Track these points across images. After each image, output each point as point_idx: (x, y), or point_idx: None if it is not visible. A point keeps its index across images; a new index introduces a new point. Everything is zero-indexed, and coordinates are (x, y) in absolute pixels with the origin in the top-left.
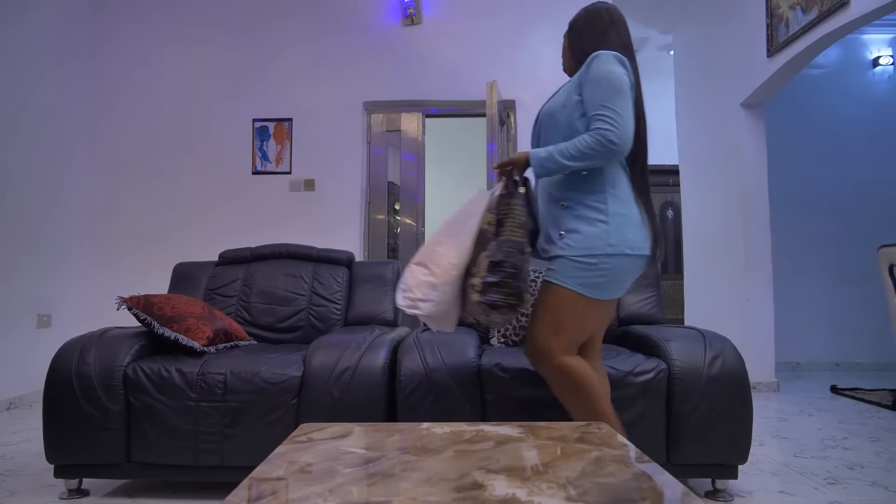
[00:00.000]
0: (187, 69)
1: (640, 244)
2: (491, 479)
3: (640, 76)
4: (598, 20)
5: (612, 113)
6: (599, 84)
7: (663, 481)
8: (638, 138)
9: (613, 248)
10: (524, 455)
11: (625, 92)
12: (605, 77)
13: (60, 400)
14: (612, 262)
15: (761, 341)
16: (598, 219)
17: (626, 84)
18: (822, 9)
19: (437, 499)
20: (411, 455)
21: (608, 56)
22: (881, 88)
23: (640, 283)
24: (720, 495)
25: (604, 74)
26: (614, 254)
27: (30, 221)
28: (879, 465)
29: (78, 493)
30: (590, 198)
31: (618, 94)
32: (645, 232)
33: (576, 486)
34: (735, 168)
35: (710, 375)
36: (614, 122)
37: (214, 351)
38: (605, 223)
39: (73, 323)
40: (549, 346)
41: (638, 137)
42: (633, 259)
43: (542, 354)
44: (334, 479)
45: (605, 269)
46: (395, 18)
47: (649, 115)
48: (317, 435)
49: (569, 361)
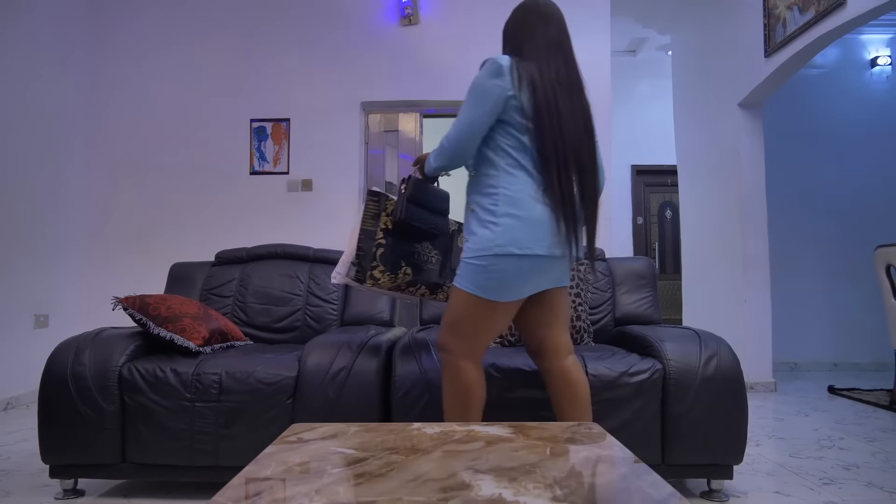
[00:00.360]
0: (185, 69)
1: (531, 244)
2: (478, 479)
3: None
4: (525, 19)
5: (457, 118)
6: (469, 90)
7: (651, 481)
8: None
9: (500, 248)
10: (513, 455)
11: (476, 99)
12: (472, 84)
13: (55, 400)
14: (500, 262)
15: (759, 341)
16: (489, 220)
17: (482, 92)
18: (819, 9)
19: (423, 499)
20: (400, 455)
21: (489, 64)
22: (879, 89)
23: (636, 283)
24: (715, 495)
25: (474, 81)
26: (501, 254)
27: (27, 222)
28: (875, 466)
29: (73, 494)
30: (485, 200)
31: (467, 101)
32: (542, 232)
33: (562, 486)
34: (733, 168)
35: (705, 375)
36: (454, 126)
37: (210, 351)
38: (496, 224)
39: (70, 323)
40: (451, 347)
41: (556, 136)
42: (522, 259)
43: (444, 352)
44: (321, 480)
45: (494, 271)
46: (393, 19)
47: (647, 115)
48: (307, 435)
49: (466, 368)
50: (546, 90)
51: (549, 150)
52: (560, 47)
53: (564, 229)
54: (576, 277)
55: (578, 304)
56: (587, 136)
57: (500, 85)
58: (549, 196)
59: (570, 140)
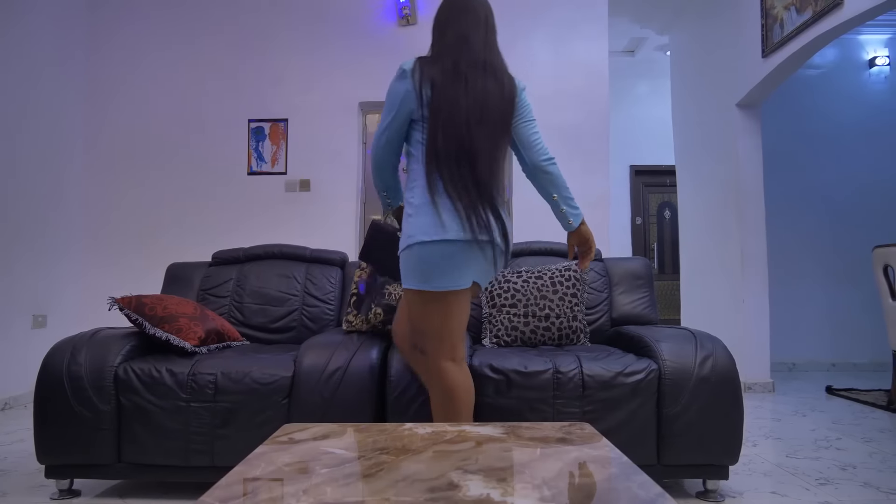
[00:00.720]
0: (183, 70)
1: (433, 230)
2: (467, 479)
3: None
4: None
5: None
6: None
7: (639, 482)
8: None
9: (411, 238)
10: (503, 455)
11: (387, 106)
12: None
13: (51, 400)
14: (421, 251)
15: (757, 342)
16: (409, 213)
17: (390, 98)
18: (816, 9)
19: (410, 499)
20: (390, 455)
21: (397, 69)
22: (878, 89)
23: (633, 283)
24: (711, 496)
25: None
26: (412, 243)
27: (26, 222)
28: (872, 466)
29: (69, 494)
30: (408, 194)
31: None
32: (439, 219)
33: (551, 486)
34: (731, 168)
35: (700, 376)
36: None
37: (206, 351)
38: (410, 215)
39: (68, 323)
40: (427, 349)
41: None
42: (432, 245)
43: (424, 355)
44: (310, 480)
45: (420, 260)
46: (391, 19)
47: (646, 115)
48: (298, 435)
49: (447, 369)
50: (443, 84)
51: (439, 141)
52: (467, 39)
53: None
54: (572, 278)
55: (575, 304)
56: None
57: (404, 87)
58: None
59: (457, 131)
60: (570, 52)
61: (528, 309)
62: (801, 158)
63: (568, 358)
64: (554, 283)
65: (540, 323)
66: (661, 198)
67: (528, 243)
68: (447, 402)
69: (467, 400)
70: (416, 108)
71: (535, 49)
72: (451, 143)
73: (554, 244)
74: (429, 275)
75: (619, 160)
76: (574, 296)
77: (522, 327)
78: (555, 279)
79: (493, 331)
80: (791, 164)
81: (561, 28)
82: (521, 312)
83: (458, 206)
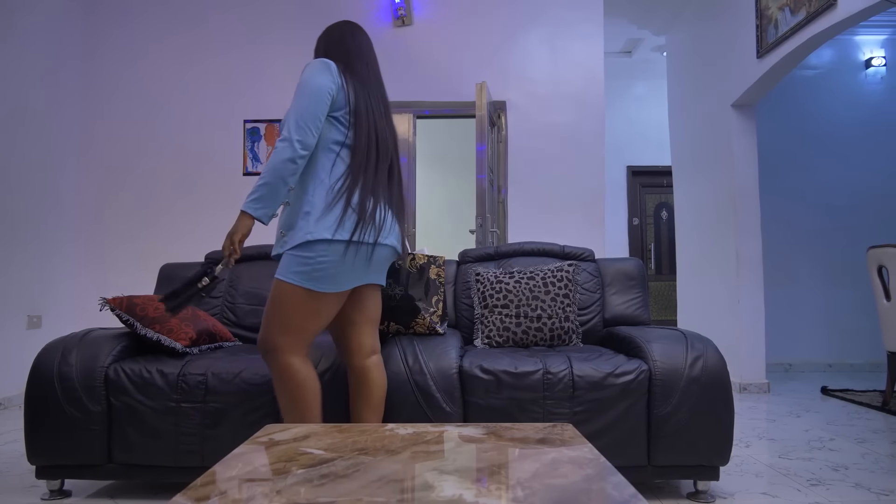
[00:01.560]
0: (178, 71)
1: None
2: (442, 479)
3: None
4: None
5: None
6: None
7: (614, 483)
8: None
9: (313, 235)
10: (481, 456)
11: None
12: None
13: (42, 401)
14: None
15: (752, 342)
16: (307, 210)
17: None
18: (810, 10)
19: (383, 499)
20: (368, 456)
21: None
22: (874, 90)
23: (626, 284)
24: (702, 496)
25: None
26: (315, 241)
27: (21, 222)
28: (864, 467)
29: (60, 494)
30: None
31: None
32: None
33: (524, 487)
34: (726, 169)
35: (691, 376)
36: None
37: (197, 352)
38: (311, 213)
39: (63, 324)
40: (278, 344)
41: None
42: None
43: (272, 351)
44: (285, 480)
45: (316, 260)
46: (386, 20)
47: (643, 116)
48: (279, 436)
49: (295, 363)
50: (360, 88)
51: (363, 144)
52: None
53: (381, 217)
54: (564, 279)
55: (567, 304)
56: (391, 128)
57: (335, 83)
58: (363, 185)
59: (379, 136)
60: (566, 53)
61: (520, 309)
62: (798, 159)
63: (559, 359)
64: (546, 283)
65: (532, 324)
66: (657, 198)
67: (520, 244)
68: (298, 398)
69: (316, 396)
70: (343, 107)
71: (531, 49)
72: (373, 147)
73: (546, 245)
74: (323, 277)
75: (616, 161)
76: (566, 296)
77: (514, 328)
78: (547, 280)
79: (484, 331)
80: (788, 165)
81: (557, 28)
82: (512, 313)
83: (374, 209)
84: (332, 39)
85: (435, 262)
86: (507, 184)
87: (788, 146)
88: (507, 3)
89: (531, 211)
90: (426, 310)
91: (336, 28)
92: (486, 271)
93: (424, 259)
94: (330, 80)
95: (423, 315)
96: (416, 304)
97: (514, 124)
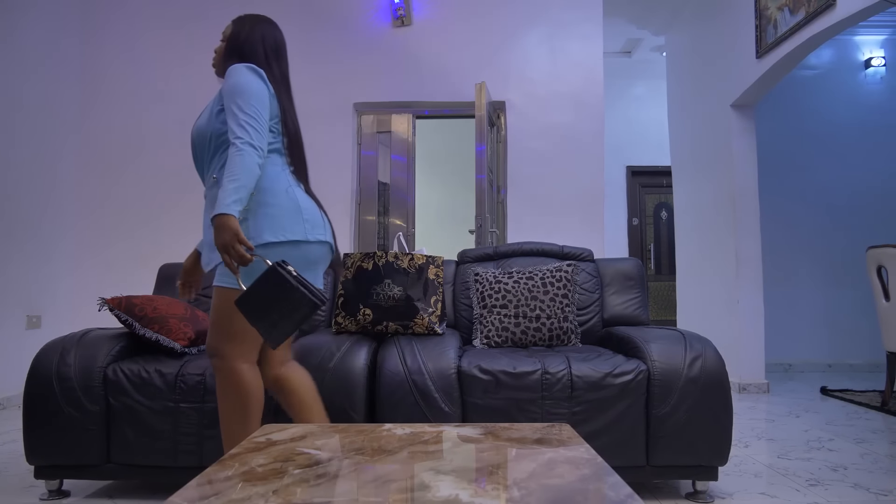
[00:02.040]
0: (178, 69)
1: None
2: (438, 480)
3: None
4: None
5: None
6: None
7: (611, 483)
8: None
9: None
10: (478, 457)
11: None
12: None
13: (40, 401)
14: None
15: (751, 343)
16: (265, 212)
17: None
18: (810, 10)
19: (379, 499)
20: (365, 456)
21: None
22: (874, 90)
23: (624, 284)
24: (700, 496)
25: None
26: (277, 241)
27: (20, 222)
28: (863, 467)
29: (59, 494)
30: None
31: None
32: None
33: (521, 487)
34: (726, 169)
35: (689, 377)
36: (245, 132)
37: (195, 352)
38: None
39: (62, 324)
40: (224, 351)
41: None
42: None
43: (218, 357)
44: (281, 481)
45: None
46: (386, 20)
47: (642, 116)
48: (276, 436)
49: (243, 371)
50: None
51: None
52: (279, 51)
53: (321, 216)
54: (563, 279)
55: (566, 304)
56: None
57: (267, 88)
58: (301, 184)
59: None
60: (566, 53)
61: (519, 310)
62: (797, 159)
63: (557, 359)
64: (545, 283)
65: (531, 324)
66: (657, 198)
67: (519, 244)
68: (242, 406)
69: (260, 405)
70: (276, 115)
71: (531, 49)
72: (302, 153)
73: (545, 245)
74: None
75: (615, 161)
76: (565, 296)
77: (513, 328)
78: (546, 280)
79: (483, 331)
80: (787, 165)
81: (556, 28)
82: (511, 313)
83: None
84: (250, 40)
85: (433, 263)
86: (506, 184)
87: (788, 146)
88: (506, 3)
89: (530, 211)
90: (424, 310)
91: (252, 26)
92: (485, 271)
93: (423, 259)
94: (266, 88)
95: (421, 315)
96: (414, 305)
97: (514, 124)
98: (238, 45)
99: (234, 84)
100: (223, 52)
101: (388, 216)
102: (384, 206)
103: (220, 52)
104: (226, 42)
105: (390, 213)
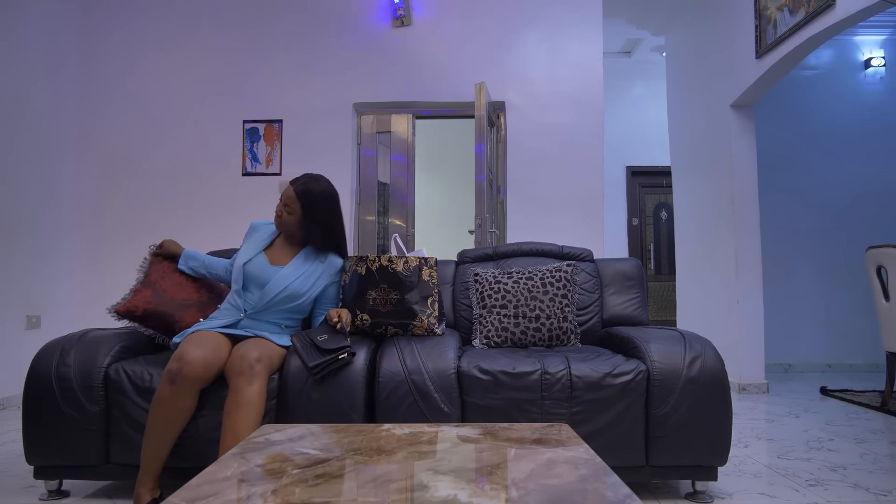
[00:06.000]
0: (177, 71)
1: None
2: (437, 480)
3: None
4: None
5: None
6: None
7: (609, 483)
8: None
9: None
10: (477, 457)
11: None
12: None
13: (40, 401)
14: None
15: (751, 343)
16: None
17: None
18: (809, 10)
19: (378, 500)
20: (364, 456)
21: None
22: (873, 90)
23: (624, 284)
24: (700, 497)
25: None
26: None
27: (19, 223)
28: (862, 467)
29: (58, 495)
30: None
31: None
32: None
33: (519, 487)
34: (725, 169)
35: (689, 377)
36: None
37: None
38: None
39: (62, 324)
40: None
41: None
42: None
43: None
44: (280, 481)
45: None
46: (385, 20)
47: (642, 116)
48: (275, 436)
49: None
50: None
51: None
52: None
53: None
54: (563, 279)
55: (565, 305)
56: None
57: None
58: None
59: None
60: (566, 53)
61: (519, 310)
62: (797, 159)
63: (557, 359)
64: (545, 283)
65: (530, 324)
66: (657, 199)
67: (518, 244)
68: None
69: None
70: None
71: (530, 50)
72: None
73: (544, 245)
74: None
75: (615, 161)
76: (565, 297)
77: (513, 328)
78: (545, 280)
79: (483, 332)
80: (787, 165)
81: (556, 29)
82: (511, 313)
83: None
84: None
85: (426, 264)
86: (505, 184)
87: (787, 146)
88: (505, 3)
89: (530, 211)
90: (422, 311)
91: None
92: (484, 271)
93: (416, 262)
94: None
95: (420, 318)
96: (411, 308)
97: (513, 124)
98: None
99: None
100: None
101: (388, 216)
102: (384, 207)
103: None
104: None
105: (390, 214)
